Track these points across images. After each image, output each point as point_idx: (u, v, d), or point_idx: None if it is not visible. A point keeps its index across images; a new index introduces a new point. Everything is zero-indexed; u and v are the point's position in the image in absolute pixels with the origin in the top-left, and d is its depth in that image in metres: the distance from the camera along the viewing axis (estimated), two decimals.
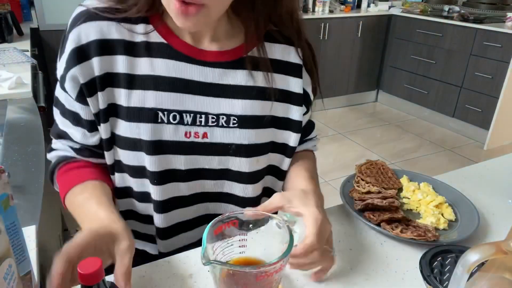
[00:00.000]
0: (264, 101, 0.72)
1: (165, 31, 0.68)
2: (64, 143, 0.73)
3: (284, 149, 0.77)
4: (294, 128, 0.76)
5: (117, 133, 0.68)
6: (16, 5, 2.55)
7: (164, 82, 0.66)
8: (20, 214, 0.54)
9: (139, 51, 0.66)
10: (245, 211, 0.57)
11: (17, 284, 0.45)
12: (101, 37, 0.64)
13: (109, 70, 0.65)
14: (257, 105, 0.71)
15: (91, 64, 0.64)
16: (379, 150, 3.25)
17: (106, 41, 0.64)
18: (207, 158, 0.71)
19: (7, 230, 0.52)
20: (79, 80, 0.65)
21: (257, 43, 0.71)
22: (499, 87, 3.09)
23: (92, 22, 0.64)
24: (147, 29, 0.67)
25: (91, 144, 0.71)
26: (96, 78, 0.65)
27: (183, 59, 0.67)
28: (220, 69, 0.69)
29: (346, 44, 3.83)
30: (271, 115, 0.73)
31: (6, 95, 1.42)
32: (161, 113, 0.67)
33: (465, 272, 0.42)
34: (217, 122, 0.70)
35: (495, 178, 0.97)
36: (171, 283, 0.61)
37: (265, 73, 0.71)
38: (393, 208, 0.77)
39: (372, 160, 0.95)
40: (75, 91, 0.66)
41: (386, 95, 4.22)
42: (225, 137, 0.71)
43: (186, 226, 0.77)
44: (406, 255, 0.70)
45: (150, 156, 0.67)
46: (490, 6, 3.64)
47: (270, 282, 0.51)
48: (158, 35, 0.67)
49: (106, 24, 0.65)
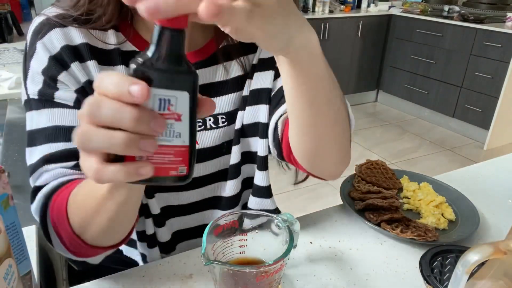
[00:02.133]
0: (241, 88, 0.70)
1: (137, 39, 0.63)
2: (53, 167, 0.57)
3: (256, 129, 0.72)
4: (265, 100, 0.70)
5: None
6: (16, 5, 2.55)
7: None
8: (20, 214, 0.54)
9: (111, 59, 0.62)
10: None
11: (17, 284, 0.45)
12: (67, 43, 0.59)
13: (89, 76, 0.60)
14: (238, 95, 0.70)
15: (73, 71, 0.59)
16: (379, 150, 3.25)
17: (72, 47, 0.59)
18: (202, 165, 0.70)
19: (7, 230, 0.52)
20: (70, 88, 0.59)
21: (225, 34, 0.68)
22: (499, 87, 3.09)
23: (54, 30, 0.58)
24: (118, 39, 0.62)
25: None
26: (84, 83, 0.60)
27: None
28: (199, 69, 0.66)
29: (346, 44, 3.83)
30: (246, 95, 0.70)
31: (6, 95, 1.42)
32: None
33: (465, 272, 0.42)
34: (204, 125, 0.68)
35: (495, 178, 0.97)
36: (171, 283, 0.61)
37: (237, 59, 0.68)
38: (393, 208, 0.77)
39: (372, 160, 0.95)
40: (72, 98, 0.59)
41: (386, 95, 4.21)
42: (216, 138, 0.69)
43: (185, 235, 0.77)
44: (406, 255, 0.70)
45: None
46: (490, 6, 3.64)
47: (270, 282, 0.51)
48: (130, 44, 0.63)
49: (68, 30, 0.59)
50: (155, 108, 0.33)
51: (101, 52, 0.61)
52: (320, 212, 0.80)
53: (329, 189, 2.57)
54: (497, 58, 3.13)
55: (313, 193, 2.56)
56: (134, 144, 0.32)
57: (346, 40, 3.81)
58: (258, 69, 0.70)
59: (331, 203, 0.81)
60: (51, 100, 0.59)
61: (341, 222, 0.78)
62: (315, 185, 2.59)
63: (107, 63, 0.61)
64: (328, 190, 2.57)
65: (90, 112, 0.32)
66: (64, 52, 0.58)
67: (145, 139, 0.32)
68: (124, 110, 0.32)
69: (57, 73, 0.58)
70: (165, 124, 0.33)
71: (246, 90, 0.70)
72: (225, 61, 0.68)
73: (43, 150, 0.57)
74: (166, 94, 0.33)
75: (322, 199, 2.48)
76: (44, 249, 0.77)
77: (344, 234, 0.74)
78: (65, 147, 0.57)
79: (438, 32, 3.53)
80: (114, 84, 0.32)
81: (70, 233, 0.51)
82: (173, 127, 0.34)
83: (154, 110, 0.33)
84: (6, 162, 1.01)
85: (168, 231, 0.73)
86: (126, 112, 0.32)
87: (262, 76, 0.70)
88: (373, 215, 0.75)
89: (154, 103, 0.33)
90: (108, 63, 0.62)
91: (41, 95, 0.59)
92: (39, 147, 0.58)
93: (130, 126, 0.32)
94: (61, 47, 0.58)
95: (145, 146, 0.33)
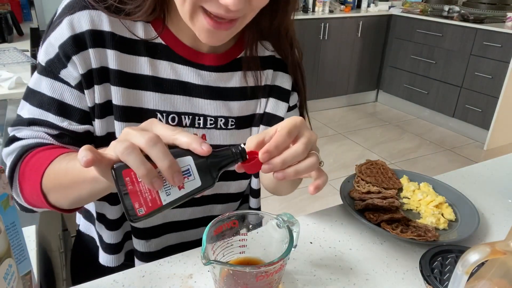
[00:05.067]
0: (256, 100, 0.74)
1: (168, 35, 0.66)
2: (38, 130, 0.62)
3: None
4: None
5: (113, 133, 0.66)
6: (16, 5, 2.55)
7: (163, 83, 0.66)
8: (20, 214, 0.54)
9: (136, 49, 0.64)
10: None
11: (17, 284, 0.45)
12: (93, 28, 0.61)
13: (104, 64, 0.63)
14: (251, 105, 0.73)
15: (88, 54, 0.61)
16: (379, 150, 3.25)
17: (97, 32, 0.61)
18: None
19: (7, 230, 0.52)
20: (79, 70, 0.62)
21: (251, 46, 0.71)
22: (499, 87, 3.09)
23: (85, 10, 0.61)
24: (149, 33, 0.65)
25: (76, 131, 0.63)
26: (93, 70, 0.62)
27: (182, 62, 0.67)
28: (217, 72, 0.70)
29: (346, 44, 3.83)
30: (261, 113, 0.75)
31: (6, 95, 1.42)
32: (160, 114, 0.66)
33: (465, 272, 0.42)
34: (215, 124, 0.71)
35: (495, 178, 0.97)
36: (171, 283, 0.61)
37: (254, 71, 0.72)
38: (393, 208, 0.77)
39: (372, 160, 0.95)
40: (76, 79, 0.62)
41: (386, 95, 4.22)
42: (223, 138, 0.72)
43: (181, 226, 0.78)
44: (406, 255, 0.70)
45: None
46: (490, 6, 3.64)
47: (270, 282, 0.51)
48: (161, 40, 0.66)
49: (98, 14, 0.61)
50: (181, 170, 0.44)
51: (126, 41, 0.64)
52: (320, 212, 0.80)
53: (329, 189, 2.57)
54: (497, 58, 3.13)
55: None
56: (150, 177, 0.42)
57: (346, 40, 3.81)
58: (274, 96, 0.75)
59: (331, 203, 0.81)
60: (56, 74, 0.62)
61: (341, 222, 0.78)
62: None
63: (131, 52, 0.64)
64: (328, 190, 2.56)
65: (146, 142, 0.42)
66: (87, 35, 0.61)
67: (159, 179, 0.43)
68: (167, 158, 0.42)
69: (73, 53, 0.61)
70: (181, 183, 0.44)
71: (261, 109, 0.75)
72: (242, 70, 0.72)
73: (33, 112, 0.63)
74: (194, 172, 0.45)
75: (322, 199, 2.48)
76: (44, 249, 0.77)
77: (344, 234, 0.74)
78: (53, 120, 0.62)
79: (438, 32, 3.53)
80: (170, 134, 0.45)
81: (38, 190, 0.58)
82: (171, 189, 0.45)
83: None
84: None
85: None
86: (167, 160, 0.42)
87: (277, 104, 0.75)
88: (373, 215, 0.75)
89: (184, 167, 0.44)
90: (132, 52, 0.64)
91: (49, 65, 0.62)
92: (31, 106, 0.63)
93: (163, 168, 0.42)
94: (85, 29, 0.61)
95: (155, 183, 0.43)
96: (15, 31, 2.23)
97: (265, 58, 0.73)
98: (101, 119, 0.64)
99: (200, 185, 0.45)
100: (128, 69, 0.64)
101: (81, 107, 0.64)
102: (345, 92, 4.07)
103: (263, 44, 0.73)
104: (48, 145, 0.62)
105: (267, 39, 0.73)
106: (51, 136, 0.62)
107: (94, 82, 0.63)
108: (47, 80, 0.63)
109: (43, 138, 0.62)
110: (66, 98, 0.63)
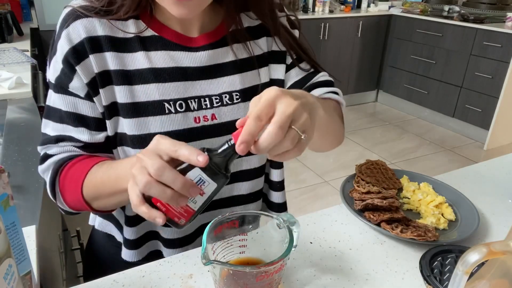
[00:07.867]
0: (253, 71, 0.75)
1: (156, 25, 0.69)
2: (65, 145, 0.68)
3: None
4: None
5: (123, 132, 0.68)
6: (16, 5, 2.56)
7: (163, 73, 0.68)
8: (20, 214, 0.54)
9: (131, 46, 0.67)
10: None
11: (17, 284, 0.45)
12: (89, 35, 0.64)
13: (104, 67, 0.66)
14: (250, 76, 0.75)
15: (89, 61, 0.65)
16: (379, 150, 3.25)
17: (92, 38, 0.65)
18: (220, 139, 0.72)
19: (7, 230, 0.52)
20: (83, 80, 0.65)
21: (234, 19, 0.73)
22: (499, 87, 3.09)
23: (78, 20, 0.65)
24: (139, 27, 0.67)
25: (98, 141, 0.69)
26: (96, 75, 0.65)
27: (176, 48, 0.69)
28: (211, 50, 0.72)
29: (346, 44, 3.83)
30: (262, 83, 0.76)
31: (6, 95, 1.42)
32: (167, 103, 0.68)
33: (465, 272, 0.42)
34: (221, 101, 0.72)
35: (495, 178, 0.97)
36: (171, 283, 0.61)
37: (244, 43, 0.74)
38: (393, 208, 0.77)
39: (372, 160, 0.95)
40: (83, 89, 0.66)
41: (386, 95, 4.22)
42: (233, 114, 0.73)
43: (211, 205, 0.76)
44: (406, 255, 0.70)
45: None
46: (490, 6, 3.64)
47: (270, 282, 0.51)
48: (150, 30, 0.68)
49: (91, 21, 0.65)
50: (195, 181, 0.49)
51: (120, 41, 0.67)
52: (320, 212, 0.80)
53: (329, 189, 2.57)
54: (497, 58, 3.13)
55: (313, 193, 2.55)
56: (174, 199, 0.48)
57: (346, 40, 3.81)
58: (273, 61, 0.77)
59: (331, 203, 0.81)
60: (65, 88, 0.66)
61: (341, 222, 0.78)
62: (315, 185, 2.59)
63: (126, 51, 0.67)
64: (328, 190, 2.57)
65: (155, 173, 0.47)
66: (85, 43, 0.64)
67: (182, 197, 0.49)
68: (177, 179, 0.47)
69: (76, 63, 0.64)
70: (198, 193, 0.50)
71: (266, 77, 0.76)
72: (234, 43, 0.73)
73: (57, 128, 0.68)
74: (206, 178, 0.50)
75: (322, 199, 2.48)
76: (44, 249, 0.77)
77: (344, 234, 0.74)
78: (75, 133, 0.68)
79: (438, 32, 3.53)
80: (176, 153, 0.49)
81: (81, 200, 0.64)
82: (195, 197, 0.51)
83: (194, 182, 0.49)
84: (6, 162, 1.01)
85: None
86: (178, 181, 0.47)
87: (276, 68, 0.77)
88: (373, 215, 0.75)
89: (196, 178, 0.49)
90: (128, 50, 0.67)
91: (58, 82, 0.67)
92: (53, 123, 0.68)
93: (178, 189, 0.48)
94: (82, 38, 0.64)
95: (180, 202, 0.49)
96: (15, 31, 2.23)
97: (256, 27, 0.75)
98: (109, 120, 0.67)
99: (217, 186, 0.51)
100: (127, 67, 0.67)
101: (95, 115, 0.67)
102: (345, 92, 4.04)
103: (248, 15, 0.75)
104: (79, 156, 0.68)
105: (250, 9, 0.75)
106: (79, 148, 0.68)
107: (99, 87, 0.66)
108: (60, 96, 0.67)
109: (73, 151, 0.68)
110: (81, 110, 0.67)
